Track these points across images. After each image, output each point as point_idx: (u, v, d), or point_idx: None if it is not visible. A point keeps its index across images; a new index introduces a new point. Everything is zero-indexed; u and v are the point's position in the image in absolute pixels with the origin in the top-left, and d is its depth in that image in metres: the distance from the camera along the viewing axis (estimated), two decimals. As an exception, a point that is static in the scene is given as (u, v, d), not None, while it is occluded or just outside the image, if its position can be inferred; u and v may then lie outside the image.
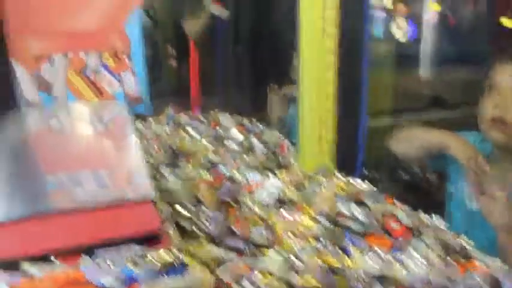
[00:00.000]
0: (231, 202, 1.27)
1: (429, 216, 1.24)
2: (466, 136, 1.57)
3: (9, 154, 1.08)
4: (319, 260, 1.04)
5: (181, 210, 1.20)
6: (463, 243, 1.12)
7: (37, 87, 1.26)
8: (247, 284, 0.95)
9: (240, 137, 1.76)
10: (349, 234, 1.15)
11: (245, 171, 1.44)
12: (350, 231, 1.16)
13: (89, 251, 0.95)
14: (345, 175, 1.49)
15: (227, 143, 1.71)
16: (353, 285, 0.98)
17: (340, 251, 1.08)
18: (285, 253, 1.05)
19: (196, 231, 1.14)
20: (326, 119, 1.83)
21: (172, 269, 0.92)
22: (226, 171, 1.45)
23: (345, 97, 1.89)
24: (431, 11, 2.89)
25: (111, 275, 0.89)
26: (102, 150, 1.16)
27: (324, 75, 1.90)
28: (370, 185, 1.39)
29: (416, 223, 1.20)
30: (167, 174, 1.44)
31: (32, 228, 0.97)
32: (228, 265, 1.00)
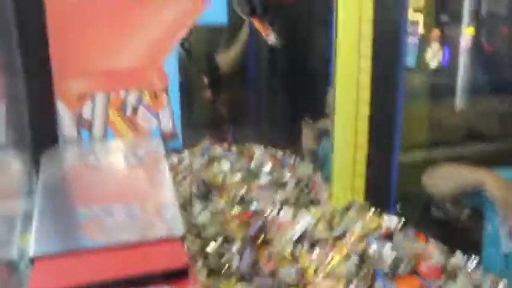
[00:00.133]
0: (261, 239, 1.27)
1: (463, 257, 1.22)
2: (503, 173, 1.54)
3: (47, 190, 1.12)
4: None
5: (211, 245, 1.21)
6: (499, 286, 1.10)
7: (78, 125, 1.31)
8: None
9: (273, 172, 1.77)
10: (380, 275, 1.14)
11: (277, 208, 1.45)
12: (381, 272, 1.15)
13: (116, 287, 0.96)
14: (377, 211, 1.48)
15: (260, 178, 1.72)
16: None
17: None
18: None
19: (226, 268, 1.15)
20: (359, 153, 1.83)
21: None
22: (258, 207, 1.46)
23: (379, 131, 1.89)
24: (467, 36, 2.83)
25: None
26: (134, 185, 1.19)
27: (358, 110, 1.90)
28: (402, 222, 1.38)
29: (449, 263, 1.18)
30: (199, 208, 1.46)
31: (63, 263, 1.00)
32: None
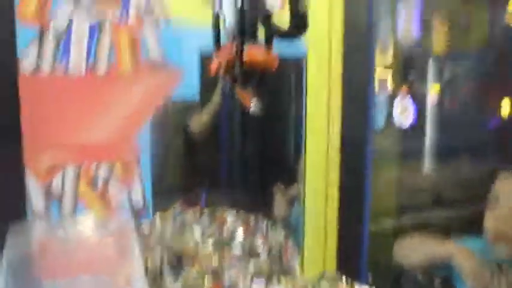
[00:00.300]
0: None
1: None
2: (471, 243, 1.56)
3: (12, 265, 1.09)
4: None
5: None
6: None
7: (47, 198, 1.30)
8: None
9: (246, 239, 1.76)
10: None
11: (248, 278, 1.43)
12: None
13: None
14: (349, 281, 1.48)
15: (232, 246, 1.71)
16: None
17: None
18: None
19: None
20: (329, 221, 1.85)
21: None
22: (230, 278, 1.45)
23: (348, 199, 1.92)
24: (433, 94, 2.91)
25: None
26: (104, 257, 1.18)
27: (327, 177, 1.94)
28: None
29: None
30: (169, 279, 1.43)
31: None
32: None
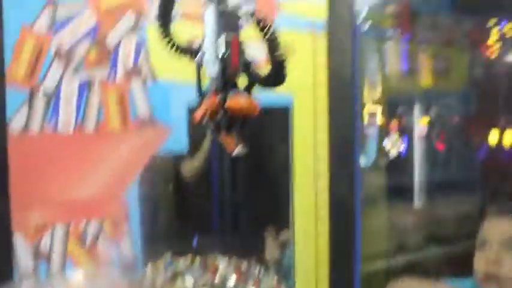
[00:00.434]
0: None
1: None
2: (461, 284, 1.56)
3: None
4: None
5: None
6: None
7: (36, 257, 1.30)
8: None
9: (238, 286, 1.75)
10: None
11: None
12: None
13: None
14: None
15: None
16: None
17: None
18: None
19: None
20: (320, 264, 1.84)
21: None
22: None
23: (339, 241, 1.92)
24: (422, 126, 2.94)
25: None
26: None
27: (317, 219, 1.94)
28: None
29: None
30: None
31: None
32: None
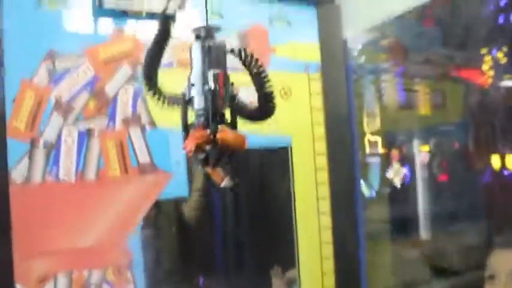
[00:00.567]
0: None
1: None
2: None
3: None
4: None
5: None
6: None
7: (39, 309, 1.27)
8: None
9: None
10: None
11: None
12: None
13: None
14: None
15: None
16: None
17: None
18: None
19: None
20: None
21: None
22: None
23: (344, 278, 1.89)
24: (423, 154, 2.93)
25: None
26: None
27: (321, 253, 1.91)
28: None
29: None
30: None
31: None
32: None
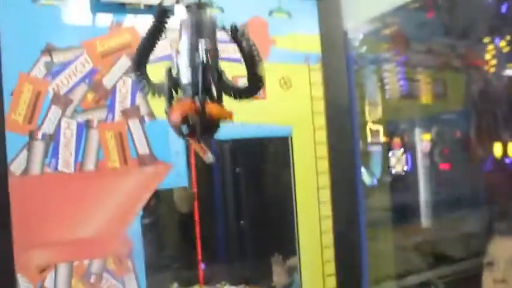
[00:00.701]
0: None
1: None
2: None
3: None
4: None
5: None
6: None
7: (40, 299, 1.28)
8: None
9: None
10: None
11: None
12: None
13: None
14: None
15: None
16: None
17: None
18: None
19: None
20: (328, 287, 1.82)
21: None
22: None
23: (345, 265, 1.89)
24: (425, 142, 2.95)
25: None
26: None
27: (322, 241, 1.92)
28: None
29: None
30: None
31: None
32: None
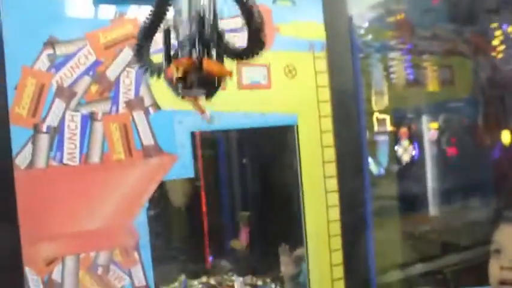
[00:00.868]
0: None
1: None
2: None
3: None
4: None
5: None
6: None
7: (48, 291, 1.29)
8: None
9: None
10: None
11: None
12: None
13: None
14: None
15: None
16: None
17: None
18: None
19: None
20: (336, 279, 1.82)
21: None
22: None
23: (352, 254, 1.90)
24: (432, 131, 2.95)
25: None
26: None
27: (329, 231, 1.92)
28: None
29: None
30: None
31: None
32: None
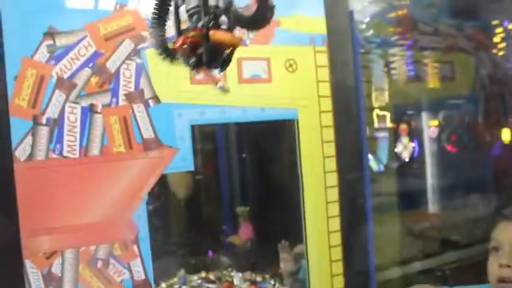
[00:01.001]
0: None
1: None
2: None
3: None
4: None
5: None
6: None
7: (47, 283, 1.29)
8: None
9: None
10: None
11: None
12: None
13: None
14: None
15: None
16: None
17: None
18: None
19: None
20: (335, 275, 1.83)
21: None
22: None
23: (352, 251, 1.90)
24: (432, 128, 2.96)
25: None
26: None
27: (328, 227, 1.92)
28: None
29: None
30: None
31: None
32: None
